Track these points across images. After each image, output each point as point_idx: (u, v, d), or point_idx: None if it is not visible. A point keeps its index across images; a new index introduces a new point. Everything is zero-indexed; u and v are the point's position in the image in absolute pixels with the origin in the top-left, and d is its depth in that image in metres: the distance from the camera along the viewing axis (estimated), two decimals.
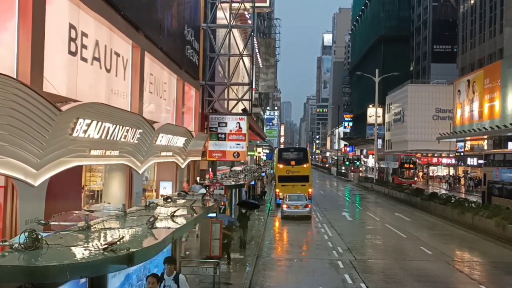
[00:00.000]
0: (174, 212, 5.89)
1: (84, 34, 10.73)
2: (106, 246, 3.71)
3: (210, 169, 25.97)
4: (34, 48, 8.32)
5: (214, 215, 10.99)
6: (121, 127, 10.73)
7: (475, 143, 52.63)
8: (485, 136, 47.92)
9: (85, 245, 3.94)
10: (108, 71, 12.18)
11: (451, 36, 70.13)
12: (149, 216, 4.96)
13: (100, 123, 9.56)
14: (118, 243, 3.82)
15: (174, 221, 5.68)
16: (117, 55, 12.90)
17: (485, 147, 49.12)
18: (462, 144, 55.70)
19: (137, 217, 5.81)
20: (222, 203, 12.93)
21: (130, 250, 3.71)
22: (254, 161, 59.50)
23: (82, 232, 4.63)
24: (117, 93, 13.04)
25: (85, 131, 9.14)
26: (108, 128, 10.02)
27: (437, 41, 76.19)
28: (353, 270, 14.47)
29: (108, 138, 10.20)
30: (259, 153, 65.36)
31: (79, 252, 3.72)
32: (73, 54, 10.21)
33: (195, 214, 6.03)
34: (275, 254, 17.32)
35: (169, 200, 7.74)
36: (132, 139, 12.00)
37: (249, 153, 38.61)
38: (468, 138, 52.48)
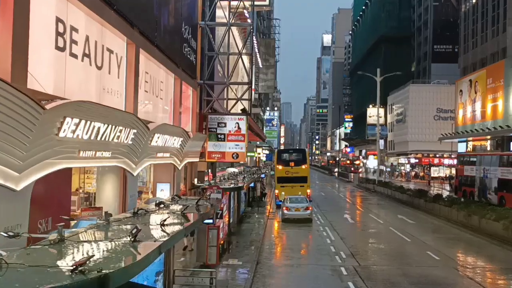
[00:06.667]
0: (164, 220, 5.27)
1: (73, 29, 10.14)
2: (74, 266, 3.09)
3: (209, 171, 25.39)
4: (16, 41, 7.71)
5: (211, 221, 10.39)
6: (113, 127, 10.15)
7: (477, 144, 51.98)
8: (488, 137, 47.31)
9: (52, 265, 3.31)
10: (100, 68, 11.59)
11: (452, 36, 69.64)
12: (133, 227, 4.34)
13: (90, 122, 8.99)
14: (89, 262, 3.20)
15: (164, 231, 5.06)
16: (110, 51, 12.31)
17: (488, 148, 48.49)
18: (464, 144, 55.05)
19: (121, 226, 5.19)
20: (220, 207, 12.32)
21: (103, 271, 3.09)
22: (254, 162, 58.90)
23: (54, 246, 4.00)
24: (110, 91, 12.45)
25: (73, 131, 8.56)
26: (99, 128, 9.44)
27: (438, 41, 75.74)
28: (358, 277, 13.82)
29: (99, 138, 9.62)
30: (259, 154, 64.78)
31: (42, 275, 3.10)
32: (61, 49, 9.62)
33: (185, 224, 5.40)
34: (275, 259, 16.67)
35: (162, 205, 7.12)
36: (126, 139, 11.42)
37: (248, 154, 38.03)
38: (470, 138, 51.85)
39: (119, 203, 13.21)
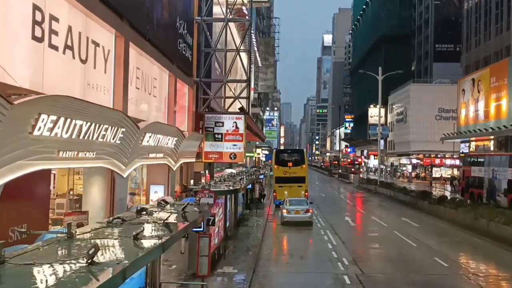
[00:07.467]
0: (138, 233, 4.39)
1: (53, 18, 9.28)
2: None
3: (207, 171, 24.54)
4: None
5: (201, 229, 9.50)
6: (97, 125, 9.30)
7: (480, 144, 51.10)
8: (491, 137, 46.45)
9: None
10: (84, 62, 10.73)
11: (454, 35, 68.85)
12: (91, 245, 3.46)
13: (70, 120, 8.14)
14: None
15: (136, 246, 4.19)
16: (96, 44, 11.45)
17: (491, 148, 47.62)
18: (466, 144, 54.16)
19: (86, 241, 4.31)
20: (212, 214, 11.42)
21: None
22: (254, 162, 58.04)
23: None
24: (96, 87, 11.59)
25: (50, 129, 7.70)
26: (81, 126, 8.59)
27: (439, 40, 74.95)
28: (361, 287, 12.91)
29: (81, 137, 8.77)
30: (259, 154, 63.97)
31: None
32: (38, 40, 8.76)
33: (164, 237, 4.53)
34: (274, 267, 15.71)
35: (144, 212, 6.24)
36: (114, 139, 10.56)
37: (247, 154, 37.14)
38: (473, 138, 50.97)
39: (106, 207, 12.38)
